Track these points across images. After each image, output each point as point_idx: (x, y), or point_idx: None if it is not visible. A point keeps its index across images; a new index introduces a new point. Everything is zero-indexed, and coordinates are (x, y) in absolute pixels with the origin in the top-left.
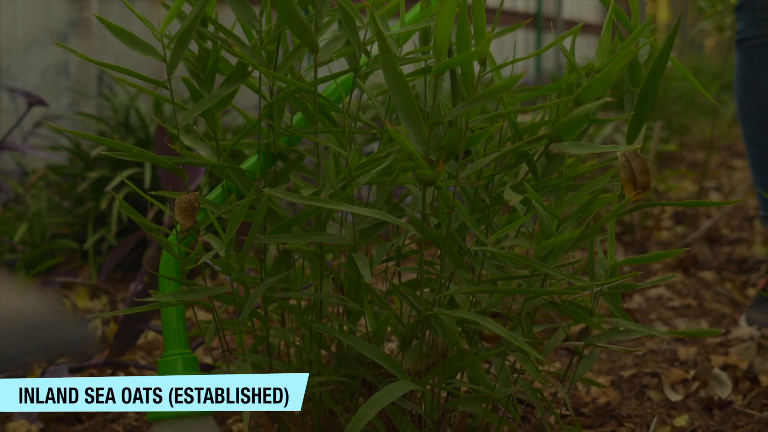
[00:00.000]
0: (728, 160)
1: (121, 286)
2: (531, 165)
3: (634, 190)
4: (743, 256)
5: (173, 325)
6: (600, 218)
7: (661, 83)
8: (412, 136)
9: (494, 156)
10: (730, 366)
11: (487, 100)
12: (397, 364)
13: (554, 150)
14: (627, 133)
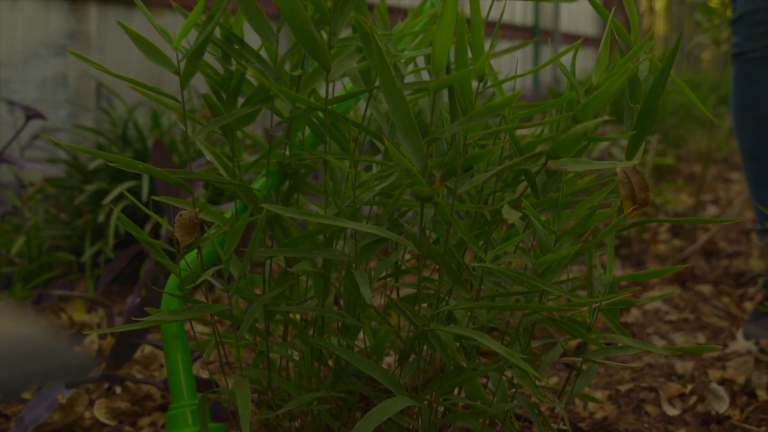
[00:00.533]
0: (725, 173)
1: (118, 299)
2: (531, 182)
3: (633, 206)
4: (740, 269)
5: (179, 374)
6: (598, 232)
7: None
8: (410, 152)
9: (493, 172)
10: (727, 380)
11: (486, 117)
12: (394, 380)
13: (553, 167)
14: (626, 149)
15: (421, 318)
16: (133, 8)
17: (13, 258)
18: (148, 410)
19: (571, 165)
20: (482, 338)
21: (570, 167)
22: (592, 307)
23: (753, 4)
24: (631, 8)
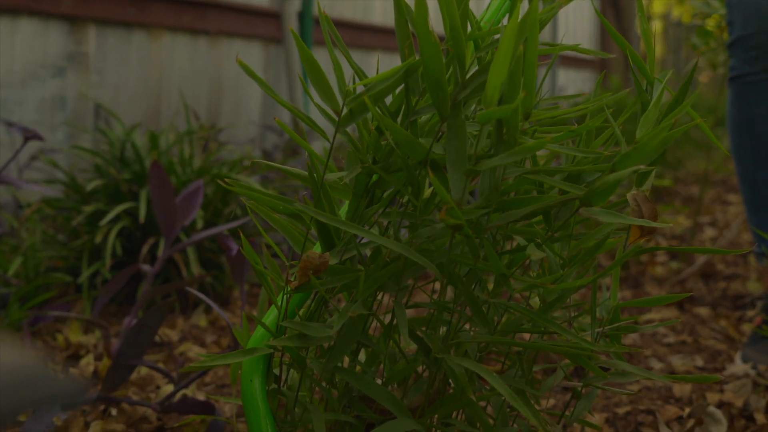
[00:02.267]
0: (723, 195)
1: (114, 320)
2: (548, 219)
3: (640, 234)
4: (738, 292)
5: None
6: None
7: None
8: (452, 180)
9: (525, 212)
10: (725, 403)
11: (527, 153)
12: (400, 403)
13: (584, 214)
14: (636, 177)
15: (435, 344)
16: (132, 30)
17: (10, 279)
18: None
19: (604, 216)
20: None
21: (602, 218)
22: (595, 333)
23: (750, 28)
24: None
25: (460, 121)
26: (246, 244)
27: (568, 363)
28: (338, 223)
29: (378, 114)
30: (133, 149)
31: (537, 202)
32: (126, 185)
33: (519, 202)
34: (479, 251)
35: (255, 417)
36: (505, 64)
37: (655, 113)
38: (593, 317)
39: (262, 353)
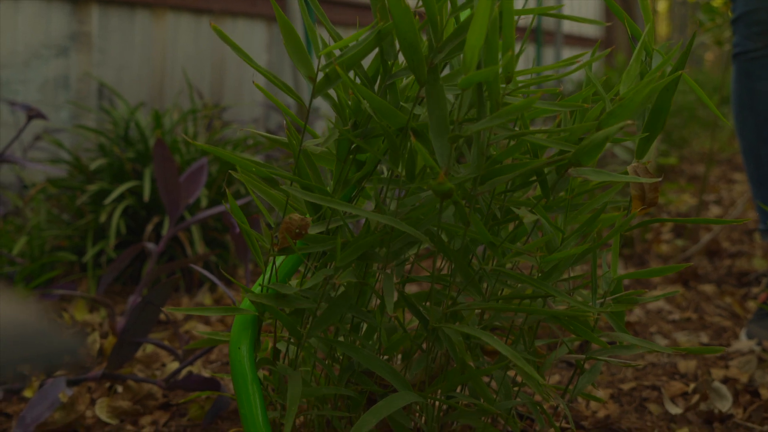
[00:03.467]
0: (728, 174)
1: (119, 298)
2: (543, 185)
3: (641, 206)
4: (743, 269)
5: (258, 424)
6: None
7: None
8: (436, 147)
9: (513, 175)
10: (730, 379)
11: (511, 116)
12: (400, 376)
13: (574, 174)
14: (636, 148)
15: (433, 315)
16: (135, 10)
17: (15, 258)
18: (149, 409)
19: (593, 175)
20: (490, 339)
21: (592, 177)
22: (597, 305)
23: (752, 4)
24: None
25: (439, 87)
26: (232, 201)
27: (572, 338)
28: (316, 198)
29: (349, 81)
30: (137, 128)
31: (526, 166)
32: (130, 164)
33: (508, 167)
34: (468, 218)
35: (242, 383)
36: (482, 26)
37: (637, 68)
38: (593, 289)
39: (249, 314)
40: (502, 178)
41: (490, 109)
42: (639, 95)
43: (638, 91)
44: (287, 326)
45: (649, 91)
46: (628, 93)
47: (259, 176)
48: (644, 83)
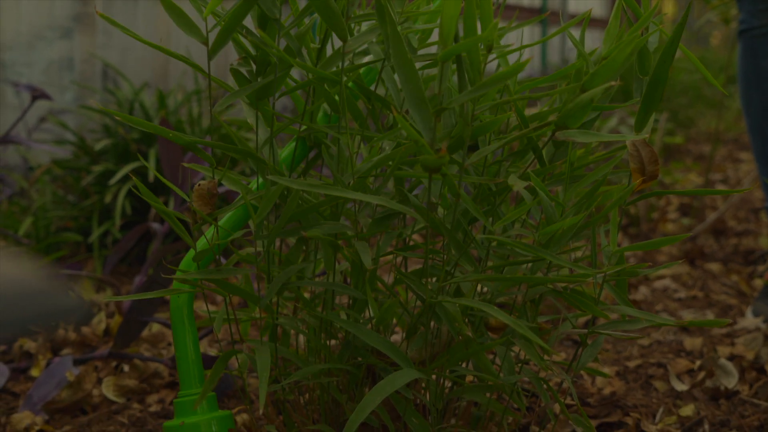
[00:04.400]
0: (734, 153)
1: (125, 279)
2: (537, 152)
3: (642, 179)
4: (750, 247)
5: (188, 359)
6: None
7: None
8: (418, 123)
9: (501, 143)
10: (736, 356)
11: (494, 85)
12: (401, 353)
13: (561, 137)
14: (635, 121)
15: (428, 291)
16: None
17: (21, 239)
18: (156, 388)
19: (580, 136)
20: (490, 309)
21: (578, 138)
22: (597, 279)
23: None
24: None
25: (407, 60)
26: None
27: (575, 314)
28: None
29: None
30: (141, 109)
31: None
32: (135, 145)
33: (489, 126)
34: (458, 189)
35: (180, 331)
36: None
37: (616, 27)
38: (594, 260)
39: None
40: (489, 148)
41: (472, 80)
42: (622, 54)
43: (621, 49)
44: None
45: (631, 49)
46: (610, 52)
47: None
48: (626, 41)
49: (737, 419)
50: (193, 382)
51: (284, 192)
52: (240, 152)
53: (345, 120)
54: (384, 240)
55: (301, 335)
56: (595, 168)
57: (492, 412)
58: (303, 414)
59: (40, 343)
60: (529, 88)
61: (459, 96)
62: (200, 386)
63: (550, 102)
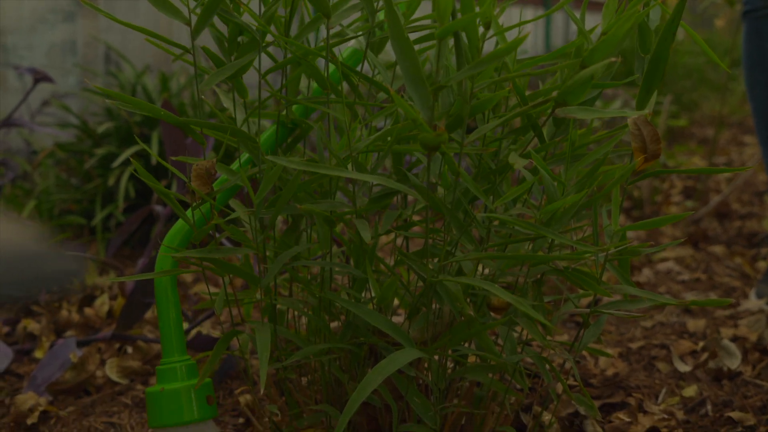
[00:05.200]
0: (738, 137)
1: (129, 262)
2: (537, 130)
3: (644, 158)
4: (753, 230)
5: (170, 329)
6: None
7: (671, 58)
8: (416, 101)
9: (500, 121)
10: (739, 338)
11: (493, 62)
12: (403, 332)
13: (560, 114)
14: (637, 99)
15: (429, 271)
16: None
17: (24, 221)
18: None
19: (580, 113)
20: (491, 287)
21: (578, 115)
22: (599, 257)
23: None
24: None
25: (404, 36)
26: (140, 168)
27: (578, 294)
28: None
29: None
30: (144, 92)
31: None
32: (137, 128)
33: (487, 104)
34: (457, 168)
35: (163, 302)
36: None
37: (615, 2)
38: (595, 238)
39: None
40: (488, 126)
41: (470, 57)
42: (621, 29)
43: (620, 25)
44: (236, 273)
45: (631, 24)
46: (609, 27)
47: (173, 123)
48: (626, 17)
49: (740, 400)
50: (174, 350)
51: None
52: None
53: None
54: (384, 220)
55: (303, 317)
56: (596, 147)
57: (494, 392)
58: (305, 394)
59: (43, 325)
60: (529, 66)
61: (457, 73)
62: (180, 355)
63: (551, 81)
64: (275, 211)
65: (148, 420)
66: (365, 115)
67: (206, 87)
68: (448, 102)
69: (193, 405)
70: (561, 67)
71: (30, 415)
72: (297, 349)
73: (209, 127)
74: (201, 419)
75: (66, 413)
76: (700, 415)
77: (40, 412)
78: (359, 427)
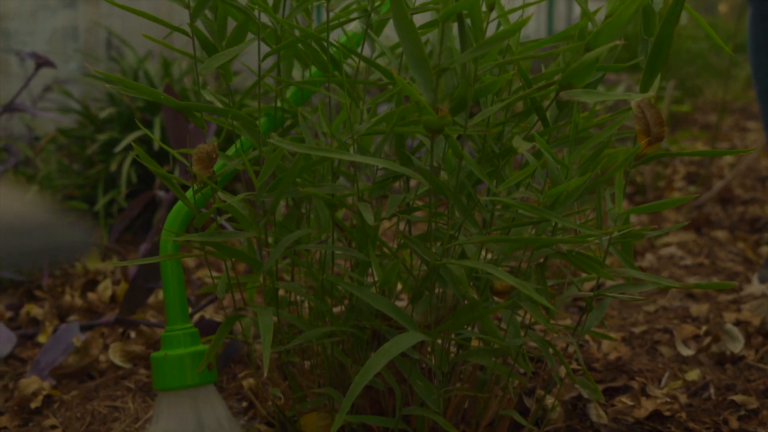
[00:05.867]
0: (741, 122)
1: (131, 247)
2: (540, 113)
3: (647, 142)
4: (756, 215)
5: (174, 299)
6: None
7: (674, 44)
8: (419, 83)
9: (504, 103)
10: (742, 322)
11: (497, 43)
12: (406, 315)
13: (565, 97)
14: (641, 82)
15: (433, 254)
16: None
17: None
18: None
19: (584, 96)
20: (494, 270)
21: (583, 98)
22: (603, 241)
23: None
24: None
25: (407, 18)
26: (141, 152)
27: (581, 278)
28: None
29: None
30: (146, 77)
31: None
32: (139, 113)
33: (491, 87)
34: (461, 151)
35: (167, 274)
36: None
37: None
38: (599, 224)
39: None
40: (492, 109)
41: (474, 39)
42: (626, 12)
43: (625, 7)
44: (238, 257)
45: (636, 6)
46: (614, 10)
47: (173, 107)
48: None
49: (743, 383)
50: (178, 319)
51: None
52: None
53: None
54: (389, 203)
55: (306, 303)
56: (599, 131)
57: (498, 376)
58: (308, 378)
59: (46, 310)
60: (533, 49)
61: (461, 55)
62: (183, 323)
63: (554, 64)
64: (277, 195)
65: (152, 383)
66: (367, 98)
67: (206, 70)
68: (452, 85)
69: (194, 370)
70: (565, 50)
71: (34, 399)
72: (300, 334)
73: (210, 110)
74: (201, 383)
75: (69, 397)
76: (703, 398)
77: (44, 396)
78: (362, 411)
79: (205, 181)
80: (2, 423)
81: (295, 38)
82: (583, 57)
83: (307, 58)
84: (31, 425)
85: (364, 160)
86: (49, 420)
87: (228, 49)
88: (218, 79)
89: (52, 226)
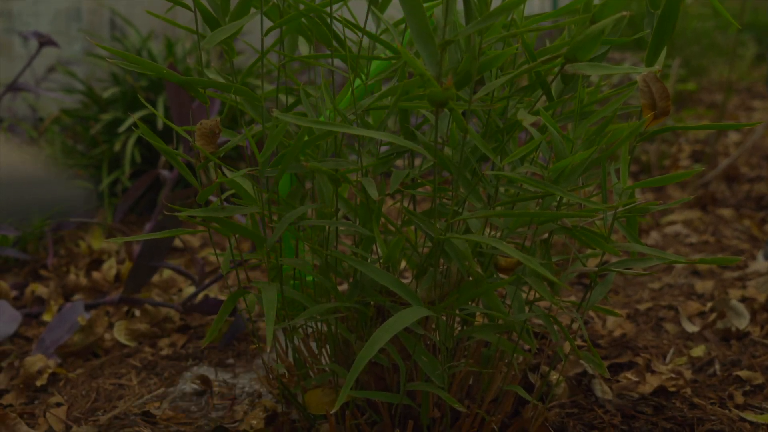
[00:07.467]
0: (747, 102)
1: (136, 227)
2: (545, 87)
3: (653, 116)
4: (762, 193)
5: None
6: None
7: (679, 23)
8: (424, 57)
9: (509, 77)
10: (747, 299)
11: (502, 14)
12: (411, 291)
13: (570, 71)
14: (646, 55)
15: (437, 229)
16: None
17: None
18: (167, 332)
19: (589, 69)
20: (499, 244)
21: (588, 71)
22: (608, 216)
23: None
24: None
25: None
26: (145, 129)
27: (586, 254)
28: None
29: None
30: (149, 56)
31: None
32: (143, 93)
33: (496, 60)
34: (465, 125)
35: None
36: None
37: None
38: (604, 199)
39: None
40: (497, 82)
41: (478, 11)
42: None
43: None
44: (241, 233)
45: None
46: None
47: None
48: None
49: (748, 359)
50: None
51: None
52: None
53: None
54: (393, 179)
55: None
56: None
57: (502, 352)
58: (314, 355)
59: (51, 289)
60: (537, 23)
61: (465, 28)
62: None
63: (560, 38)
64: (281, 170)
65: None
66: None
67: (209, 45)
68: (456, 59)
69: None
70: (570, 23)
71: (39, 377)
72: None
73: (213, 86)
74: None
75: (75, 375)
76: (708, 374)
77: (49, 374)
78: (367, 386)
79: (207, 156)
80: (8, 401)
81: (299, 12)
82: (589, 29)
83: (310, 33)
84: (36, 403)
85: (368, 133)
86: (55, 398)
87: (231, 23)
88: (222, 57)
89: (50, 180)
